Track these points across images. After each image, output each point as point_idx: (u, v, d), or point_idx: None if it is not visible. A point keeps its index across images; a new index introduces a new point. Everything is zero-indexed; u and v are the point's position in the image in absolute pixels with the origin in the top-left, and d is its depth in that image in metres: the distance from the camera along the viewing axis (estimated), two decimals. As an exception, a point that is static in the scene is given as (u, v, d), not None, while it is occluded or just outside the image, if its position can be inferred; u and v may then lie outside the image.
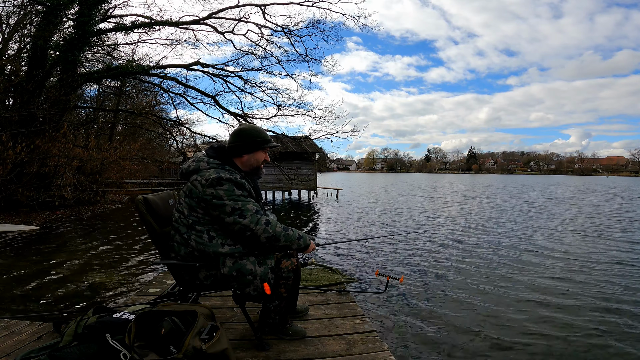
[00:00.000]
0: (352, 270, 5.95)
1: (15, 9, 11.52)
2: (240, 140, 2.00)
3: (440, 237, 9.32)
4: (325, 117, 14.11)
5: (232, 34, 14.00)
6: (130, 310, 1.85)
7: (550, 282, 5.53)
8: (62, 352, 1.55)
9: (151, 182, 20.98)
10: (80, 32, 11.27)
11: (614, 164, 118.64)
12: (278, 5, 14.19)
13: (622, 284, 5.39)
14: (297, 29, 14.24)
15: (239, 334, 2.18)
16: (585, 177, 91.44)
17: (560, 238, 9.24)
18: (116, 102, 19.46)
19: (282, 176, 16.14)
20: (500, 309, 4.43)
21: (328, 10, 16.24)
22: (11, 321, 2.31)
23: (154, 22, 12.93)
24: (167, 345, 1.51)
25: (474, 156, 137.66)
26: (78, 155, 12.50)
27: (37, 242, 7.71)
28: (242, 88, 14.29)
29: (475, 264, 6.56)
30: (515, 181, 58.58)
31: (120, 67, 12.81)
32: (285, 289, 1.97)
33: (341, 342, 2.12)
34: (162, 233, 2.08)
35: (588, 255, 7.25)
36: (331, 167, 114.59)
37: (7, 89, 11.07)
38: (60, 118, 11.51)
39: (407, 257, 7.04)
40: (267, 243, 1.86)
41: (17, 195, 10.23)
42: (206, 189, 1.83)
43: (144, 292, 3.13)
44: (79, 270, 5.76)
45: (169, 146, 26.75)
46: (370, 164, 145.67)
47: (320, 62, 14.94)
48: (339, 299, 2.87)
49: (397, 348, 3.44)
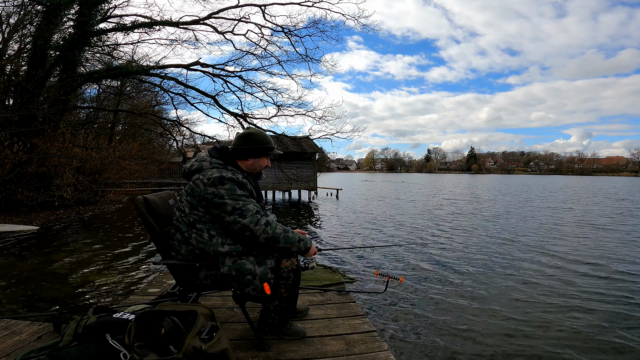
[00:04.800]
0: (352, 270, 5.96)
1: (15, 9, 11.52)
2: (248, 144, 2.02)
3: (440, 237, 9.32)
4: (325, 117, 14.12)
5: (232, 34, 14.02)
6: (130, 310, 1.85)
7: (549, 283, 5.53)
8: (62, 352, 1.55)
9: (151, 182, 20.98)
10: (80, 32, 11.27)
11: (614, 164, 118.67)
12: (278, 5, 14.21)
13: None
14: (297, 29, 14.26)
15: (239, 334, 2.18)
16: (585, 177, 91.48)
17: (557, 241, 9.25)
18: (116, 102, 19.46)
19: (282, 176, 16.13)
20: (500, 309, 4.43)
21: (328, 10, 16.26)
22: (11, 321, 2.31)
23: (154, 22, 12.93)
24: (167, 345, 1.51)
25: (474, 156, 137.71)
26: (78, 155, 12.50)
27: (37, 242, 7.71)
28: (242, 88, 14.31)
29: (475, 265, 6.56)
30: (514, 181, 58.58)
31: (120, 67, 12.81)
32: (285, 289, 1.97)
33: (341, 342, 2.12)
34: (162, 233, 2.08)
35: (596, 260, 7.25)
36: (331, 167, 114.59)
37: (7, 89, 11.06)
38: (60, 118, 11.51)
39: (407, 257, 7.04)
40: (266, 244, 1.86)
41: (16, 195, 10.23)
42: (208, 187, 1.84)
43: (144, 292, 3.13)
44: (79, 270, 5.75)
45: (169, 146, 26.78)
46: (370, 164, 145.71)
47: (320, 62, 14.95)
48: (339, 299, 2.87)
49: (397, 348, 3.45)
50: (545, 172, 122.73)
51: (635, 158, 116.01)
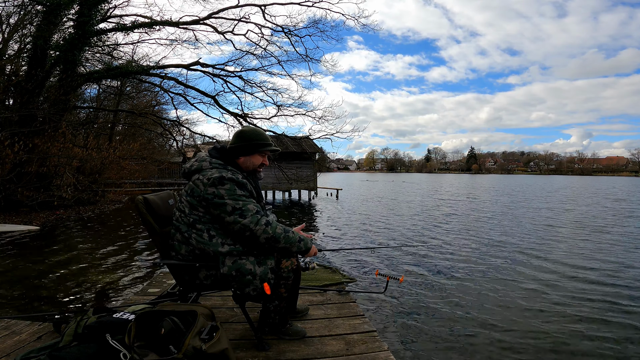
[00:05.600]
0: (352, 270, 5.96)
1: (15, 9, 11.51)
2: (238, 141, 2.02)
3: (440, 238, 9.32)
4: (325, 117, 14.13)
5: (232, 34, 14.02)
6: (130, 310, 1.85)
7: (549, 283, 5.53)
8: (62, 352, 1.55)
9: (151, 182, 20.98)
10: (80, 32, 11.27)
11: (613, 164, 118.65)
12: (278, 5, 14.22)
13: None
14: (297, 29, 14.27)
15: (239, 334, 2.18)
16: (585, 177, 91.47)
17: (555, 242, 9.24)
18: (116, 102, 19.46)
19: (282, 176, 16.13)
20: (500, 309, 4.44)
21: (328, 10, 16.27)
22: (11, 321, 2.31)
23: (154, 22, 12.94)
24: (167, 345, 1.51)
25: (474, 156, 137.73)
26: (78, 155, 12.50)
27: (37, 242, 7.70)
28: (242, 88, 14.32)
29: (475, 265, 6.56)
30: (514, 181, 58.57)
31: (120, 67, 12.81)
32: (285, 289, 1.97)
33: (341, 342, 2.12)
34: (162, 233, 2.08)
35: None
36: (331, 167, 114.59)
37: (7, 89, 11.06)
38: (60, 118, 11.50)
39: (407, 257, 7.04)
40: (267, 244, 1.86)
41: (17, 195, 10.23)
42: (208, 187, 1.84)
43: (144, 292, 3.13)
44: (79, 270, 5.75)
45: (169, 146, 26.75)
46: (370, 163, 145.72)
47: (320, 61, 14.95)
48: (339, 299, 2.86)
49: (397, 348, 3.44)
50: (545, 172, 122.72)
51: (635, 158, 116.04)
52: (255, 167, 2.06)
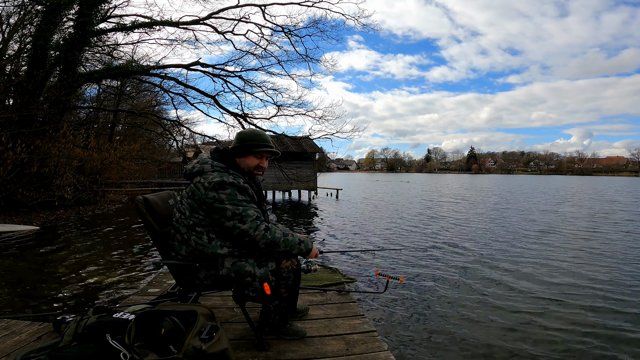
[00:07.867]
0: (352, 270, 5.95)
1: (15, 9, 11.51)
2: (234, 143, 2.03)
3: (440, 238, 9.32)
4: (325, 117, 14.15)
5: (232, 34, 14.04)
6: (130, 310, 1.85)
7: (549, 283, 5.53)
8: (62, 352, 1.55)
9: (151, 182, 20.98)
10: (80, 32, 11.28)
11: (614, 164, 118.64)
12: (278, 5, 14.23)
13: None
14: (297, 29, 14.29)
15: (239, 334, 2.18)
16: (585, 177, 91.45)
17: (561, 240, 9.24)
18: (116, 102, 19.48)
19: (282, 176, 16.14)
20: (500, 310, 4.43)
21: (328, 10, 16.26)
22: (11, 321, 2.31)
23: (154, 22, 12.94)
24: (167, 345, 1.51)
25: (474, 156, 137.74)
26: (78, 155, 12.51)
27: (37, 242, 7.70)
28: (242, 88, 14.33)
29: (475, 265, 6.55)
30: (515, 182, 58.56)
31: (120, 67, 12.82)
32: (285, 289, 1.97)
33: (341, 342, 2.12)
34: (162, 233, 2.08)
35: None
36: (331, 167, 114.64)
37: (7, 89, 11.07)
38: (60, 118, 11.51)
39: (407, 257, 7.04)
40: (266, 249, 1.87)
41: (17, 195, 10.24)
42: (208, 192, 1.84)
43: (144, 292, 3.13)
44: (79, 270, 5.75)
45: (169, 146, 26.79)
46: (370, 163, 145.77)
47: (320, 61, 14.96)
48: (339, 299, 2.86)
49: (397, 348, 3.44)
50: (545, 172, 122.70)
51: (635, 158, 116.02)
52: (250, 169, 2.01)
